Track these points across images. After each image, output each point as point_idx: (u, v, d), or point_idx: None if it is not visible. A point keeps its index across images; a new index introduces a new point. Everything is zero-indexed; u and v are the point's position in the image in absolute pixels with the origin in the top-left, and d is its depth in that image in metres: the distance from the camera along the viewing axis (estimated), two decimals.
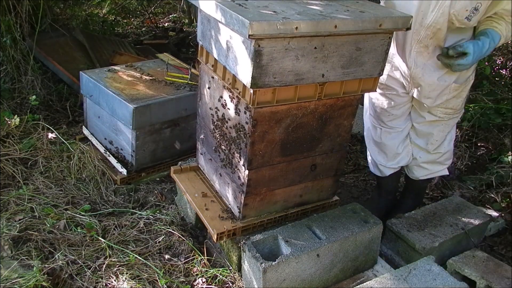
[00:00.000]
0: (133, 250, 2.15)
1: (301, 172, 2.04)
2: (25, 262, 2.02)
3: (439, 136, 2.35)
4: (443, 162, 2.46)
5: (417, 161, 2.45)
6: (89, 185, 2.62)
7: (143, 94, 2.69)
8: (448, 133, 2.38)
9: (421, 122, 2.34)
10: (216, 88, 2.00)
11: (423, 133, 2.36)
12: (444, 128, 2.34)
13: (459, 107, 2.29)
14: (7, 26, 3.34)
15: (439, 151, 2.40)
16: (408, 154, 2.46)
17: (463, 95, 2.25)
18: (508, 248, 2.43)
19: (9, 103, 3.27)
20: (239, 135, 1.87)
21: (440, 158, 2.43)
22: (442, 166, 2.48)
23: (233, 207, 2.08)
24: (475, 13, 1.91)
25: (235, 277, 2.06)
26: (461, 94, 2.22)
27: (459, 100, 2.24)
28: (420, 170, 2.48)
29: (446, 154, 2.44)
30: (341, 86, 1.85)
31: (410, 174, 2.54)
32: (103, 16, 5.26)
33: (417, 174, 2.50)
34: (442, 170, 2.49)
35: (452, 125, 2.37)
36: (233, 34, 1.67)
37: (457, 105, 2.26)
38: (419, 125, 2.36)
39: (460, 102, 2.26)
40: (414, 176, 2.52)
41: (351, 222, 2.08)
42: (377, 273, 2.14)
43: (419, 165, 2.46)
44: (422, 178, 2.51)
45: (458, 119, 2.38)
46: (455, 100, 2.23)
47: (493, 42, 1.96)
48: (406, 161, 2.46)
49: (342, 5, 1.81)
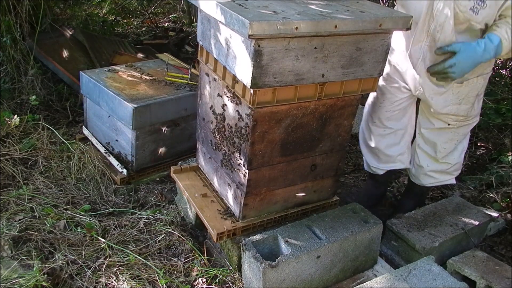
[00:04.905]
0: (133, 250, 2.15)
1: (301, 172, 2.04)
2: (25, 262, 2.02)
3: (448, 145, 2.29)
4: (451, 172, 2.41)
5: (423, 170, 2.41)
6: (89, 185, 2.62)
7: (143, 94, 2.69)
8: (460, 143, 2.31)
9: (429, 129, 2.29)
10: (216, 88, 2.00)
11: (431, 140, 2.31)
12: (454, 136, 2.28)
13: (471, 114, 2.22)
14: (7, 26, 3.34)
15: (448, 161, 2.35)
16: (404, 161, 2.43)
17: (472, 101, 2.16)
18: (508, 248, 2.43)
19: (9, 103, 3.27)
20: (239, 135, 1.87)
21: (449, 169, 2.39)
22: (450, 176, 2.43)
23: (233, 207, 2.08)
24: (481, 5, 1.85)
25: (235, 277, 2.05)
26: (469, 100, 2.14)
27: (468, 106, 2.17)
28: (427, 178, 2.44)
29: (456, 165, 2.39)
30: (341, 86, 1.85)
31: (416, 181, 2.50)
32: (103, 16, 5.26)
33: (423, 182, 2.46)
34: (449, 180, 2.45)
35: (463, 133, 2.30)
36: (233, 34, 1.67)
37: (467, 112, 2.19)
38: (427, 131, 2.31)
39: (469, 108, 2.17)
40: (420, 183, 2.48)
41: (351, 222, 2.08)
42: (377, 273, 2.14)
43: (426, 173, 2.41)
44: (428, 185, 2.48)
45: (469, 128, 2.29)
46: (464, 106, 2.16)
47: (491, 43, 1.89)
48: (401, 166, 2.45)
49: (342, 5, 1.81)
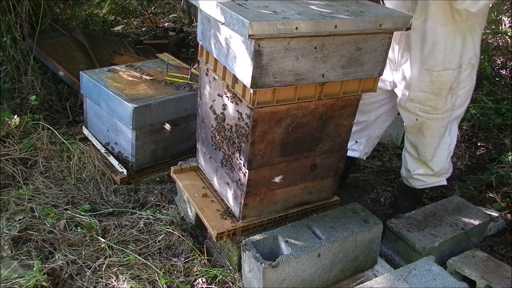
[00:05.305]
0: (133, 250, 2.15)
1: (301, 172, 2.04)
2: (25, 262, 2.02)
3: (427, 149, 2.30)
4: (439, 175, 2.43)
5: (411, 173, 2.45)
6: (89, 185, 2.62)
7: (143, 94, 2.69)
8: (438, 148, 2.30)
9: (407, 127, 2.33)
10: (216, 88, 2.00)
11: (414, 144, 2.35)
12: (430, 140, 2.27)
13: (440, 107, 2.17)
14: (7, 26, 3.34)
15: (432, 167, 2.37)
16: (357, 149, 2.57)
17: (444, 93, 2.13)
18: (508, 248, 2.43)
19: (9, 103, 3.27)
20: (239, 135, 1.87)
21: (436, 173, 2.40)
22: (438, 178, 2.44)
23: (233, 207, 2.08)
24: None
25: (235, 277, 2.05)
26: (441, 92, 2.12)
27: (439, 98, 2.14)
28: (416, 181, 2.47)
29: (442, 170, 2.40)
30: (341, 86, 1.85)
31: (407, 183, 2.53)
32: (103, 16, 5.26)
33: (413, 184, 2.49)
34: (439, 181, 2.46)
35: (438, 134, 2.26)
36: (233, 34, 1.67)
37: (437, 104, 2.16)
38: (409, 135, 2.37)
39: (438, 100, 2.15)
40: (411, 186, 2.51)
41: (351, 222, 2.08)
42: (377, 273, 2.14)
43: (413, 176, 2.45)
44: (419, 188, 2.50)
45: (441, 123, 2.23)
46: (434, 97, 2.14)
47: None
48: (351, 154, 2.55)
49: (342, 5, 1.81)
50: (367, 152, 2.69)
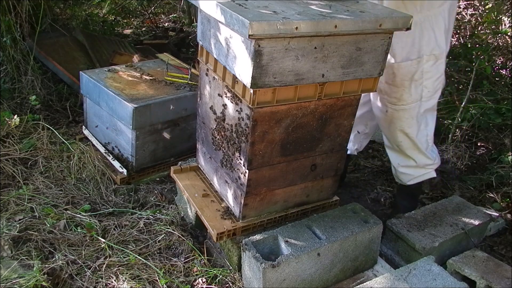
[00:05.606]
0: (133, 250, 2.15)
1: (301, 172, 2.04)
2: (25, 262, 2.02)
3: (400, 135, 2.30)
4: (422, 166, 2.41)
5: (396, 169, 2.47)
6: (89, 185, 2.62)
7: (143, 94, 2.69)
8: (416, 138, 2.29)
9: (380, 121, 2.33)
10: (216, 88, 2.00)
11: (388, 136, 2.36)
12: (401, 124, 2.26)
13: (405, 99, 2.19)
14: (7, 26, 3.34)
15: (412, 156, 2.36)
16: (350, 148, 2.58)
17: (406, 85, 2.14)
18: (508, 248, 2.43)
19: (9, 103, 3.27)
20: (239, 135, 1.87)
21: (418, 165, 2.39)
22: (424, 170, 2.43)
23: (233, 207, 2.08)
24: None
25: (235, 277, 2.05)
26: (403, 83, 2.14)
27: (402, 89, 2.16)
28: (404, 176, 2.47)
29: (426, 161, 2.38)
30: (341, 86, 1.85)
31: (398, 180, 2.54)
32: (103, 16, 5.26)
33: (403, 180, 2.49)
34: (427, 173, 2.44)
35: (408, 119, 2.25)
36: (233, 34, 1.67)
37: (401, 95, 2.18)
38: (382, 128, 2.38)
39: (402, 91, 2.16)
40: (402, 182, 2.51)
41: (351, 222, 2.08)
42: (377, 273, 2.14)
43: (399, 171, 2.46)
44: (410, 183, 2.49)
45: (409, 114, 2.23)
46: (397, 89, 2.17)
47: None
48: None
49: (342, 5, 1.81)
50: (357, 148, 2.72)
